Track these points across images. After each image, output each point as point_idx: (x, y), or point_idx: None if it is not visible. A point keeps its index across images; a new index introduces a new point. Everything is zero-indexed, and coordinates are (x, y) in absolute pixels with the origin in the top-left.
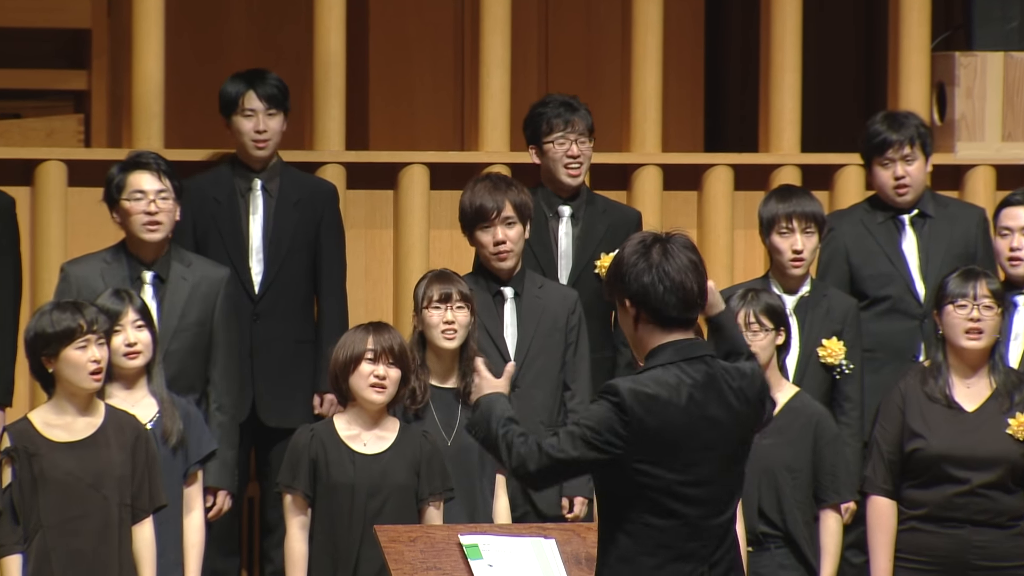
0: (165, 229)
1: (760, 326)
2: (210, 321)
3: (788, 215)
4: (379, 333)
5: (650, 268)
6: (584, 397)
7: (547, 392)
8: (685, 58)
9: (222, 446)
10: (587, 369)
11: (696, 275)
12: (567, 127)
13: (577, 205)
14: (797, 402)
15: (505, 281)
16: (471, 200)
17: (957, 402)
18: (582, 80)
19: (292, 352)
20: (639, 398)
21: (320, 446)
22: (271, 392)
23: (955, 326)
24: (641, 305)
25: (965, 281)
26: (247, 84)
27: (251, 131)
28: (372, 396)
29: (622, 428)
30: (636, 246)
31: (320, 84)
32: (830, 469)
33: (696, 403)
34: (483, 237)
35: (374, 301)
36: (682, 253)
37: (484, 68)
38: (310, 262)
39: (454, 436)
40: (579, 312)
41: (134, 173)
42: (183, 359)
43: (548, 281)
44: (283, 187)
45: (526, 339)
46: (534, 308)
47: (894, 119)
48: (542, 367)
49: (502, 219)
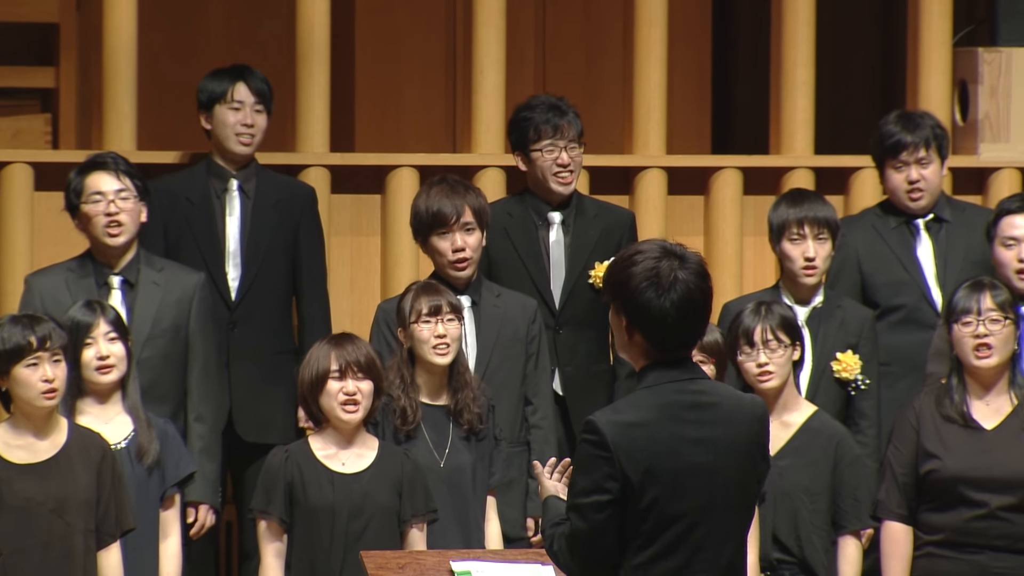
0: (128, 231)
1: (778, 342)
2: (185, 327)
3: (800, 221)
4: (343, 346)
5: (658, 298)
6: (547, 412)
7: (508, 406)
8: (691, 54)
9: (203, 458)
10: (548, 382)
11: (702, 306)
12: (556, 134)
13: (568, 211)
14: (816, 422)
15: (462, 290)
16: (427, 205)
17: (975, 420)
18: (581, 77)
19: (271, 363)
20: (618, 428)
21: (296, 468)
22: (249, 406)
23: (963, 344)
24: (636, 323)
25: (969, 295)
26: (236, 76)
27: (237, 123)
28: (344, 416)
29: (608, 465)
30: (649, 270)
31: (303, 82)
32: (851, 493)
33: (685, 425)
34: (440, 244)
35: (360, 313)
36: (691, 281)
37: (477, 65)
38: (289, 267)
39: (446, 456)
40: (539, 322)
41: (91, 175)
42: (157, 368)
43: (506, 290)
44: (260, 188)
45: (486, 350)
46: (493, 318)
47: (908, 119)
48: (503, 380)
49: (461, 225)
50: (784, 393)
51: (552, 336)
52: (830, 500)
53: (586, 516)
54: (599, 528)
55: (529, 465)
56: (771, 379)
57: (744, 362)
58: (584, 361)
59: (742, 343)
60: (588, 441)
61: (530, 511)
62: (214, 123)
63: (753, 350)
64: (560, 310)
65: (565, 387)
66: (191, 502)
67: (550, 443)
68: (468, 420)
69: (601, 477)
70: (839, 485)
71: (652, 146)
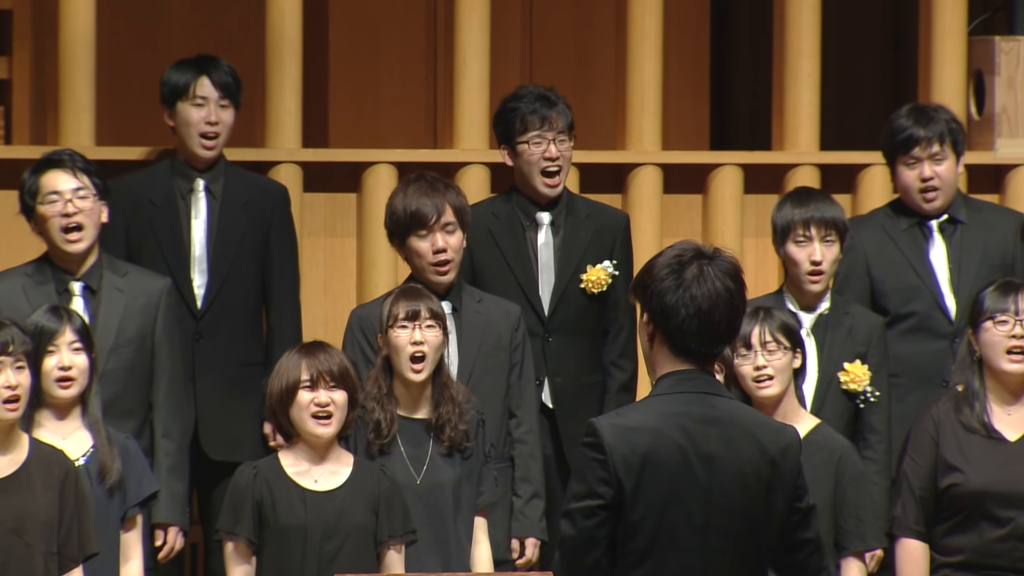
0: (89, 234)
1: (778, 344)
2: (151, 337)
3: (805, 222)
4: (314, 355)
5: (678, 287)
6: (532, 425)
7: (492, 419)
8: (688, 43)
9: (170, 477)
10: (533, 393)
11: (729, 309)
12: (544, 125)
13: (557, 211)
14: (818, 435)
15: (442, 296)
16: (404, 204)
17: (998, 431)
18: (571, 68)
19: (240, 376)
20: (618, 431)
21: (265, 485)
22: (216, 422)
23: (995, 345)
24: (659, 326)
25: (1004, 295)
26: (199, 70)
27: (201, 122)
28: (317, 429)
29: (602, 469)
30: (671, 259)
31: (273, 73)
32: (854, 512)
33: (690, 437)
34: (419, 246)
35: (334, 319)
36: (720, 279)
37: (460, 55)
38: (259, 273)
39: (424, 473)
40: (523, 329)
41: (47, 174)
42: (121, 380)
43: (487, 295)
44: (228, 188)
45: (468, 359)
46: (475, 325)
47: (922, 113)
48: (487, 391)
49: (441, 225)
50: (784, 403)
51: (541, 345)
52: (832, 519)
53: (576, 522)
54: (588, 536)
55: (513, 482)
56: (770, 385)
57: (740, 366)
58: (575, 372)
59: (738, 346)
60: (586, 444)
61: (515, 531)
62: (176, 120)
63: (750, 353)
64: (549, 317)
65: (554, 399)
66: (159, 524)
67: (535, 458)
68: (450, 436)
69: (595, 481)
70: (841, 503)
71: (646, 141)
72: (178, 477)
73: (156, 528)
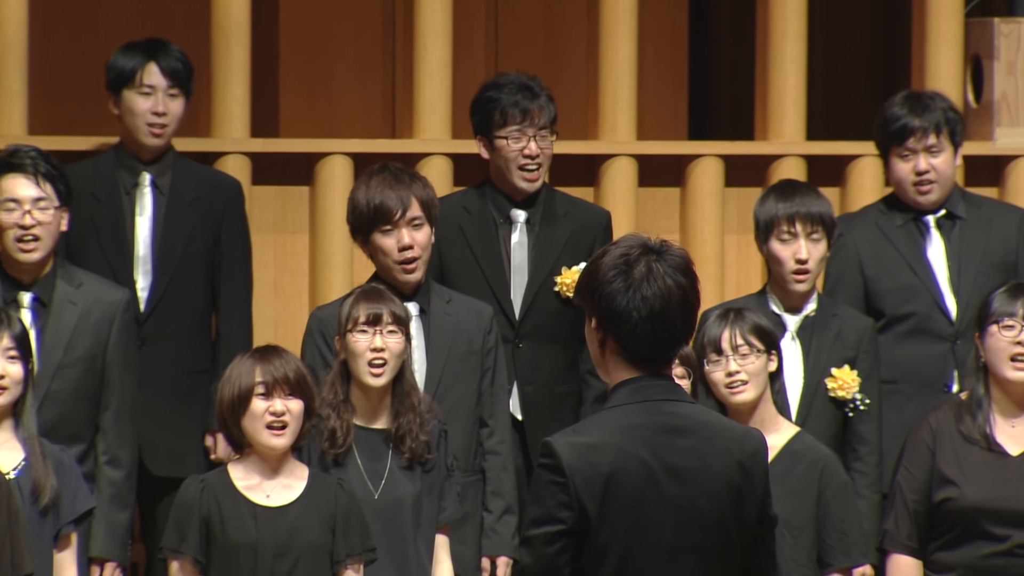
0: (45, 245)
1: (750, 347)
2: (102, 355)
3: (790, 217)
4: (269, 360)
5: (627, 289)
6: (505, 435)
7: (462, 429)
8: (665, 25)
9: (112, 508)
10: (506, 401)
11: (683, 307)
12: (525, 119)
13: (534, 209)
14: (798, 444)
15: (409, 296)
16: (368, 197)
17: (999, 444)
18: (539, 52)
19: (185, 385)
20: (577, 450)
21: (213, 500)
22: (160, 434)
23: (999, 351)
24: (609, 331)
25: (1013, 298)
26: (147, 55)
27: (147, 112)
28: (270, 440)
29: (562, 492)
30: (618, 258)
31: (219, 58)
32: (838, 525)
33: (654, 450)
34: (384, 242)
35: (285, 322)
36: (671, 275)
37: (420, 38)
38: (208, 274)
39: (382, 487)
40: (496, 332)
41: (7, 178)
42: (68, 402)
43: (457, 294)
44: (176, 182)
45: (437, 365)
46: (444, 327)
47: (917, 101)
48: (457, 399)
49: (408, 220)
50: (760, 410)
51: (511, 351)
52: (815, 534)
53: (536, 550)
54: (549, 564)
55: (484, 496)
56: (744, 390)
57: (712, 372)
58: (547, 380)
59: (709, 352)
60: (543, 465)
61: (486, 550)
62: (122, 109)
63: (721, 358)
64: (521, 321)
65: (524, 410)
66: (95, 558)
67: (508, 471)
68: (410, 448)
69: (554, 505)
70: (825, 516)
71: (620, 131)
72: (120, 508)
73: (92, 563)
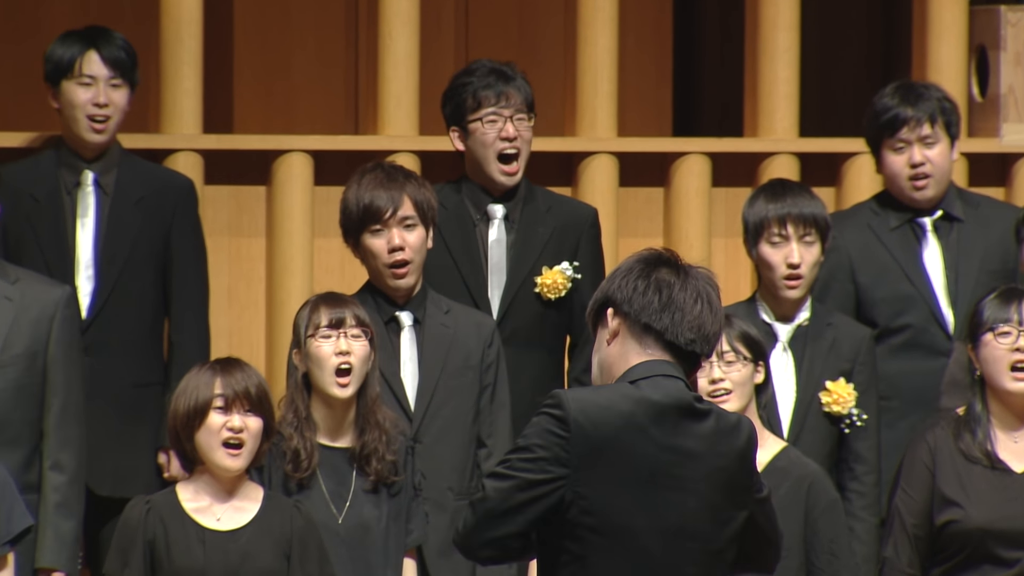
0: None
1: (736, 355)
2: (43, 353)
3: (781, 219)
4: (229, 372)
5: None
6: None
7: (456, 449)
8: (648, 13)
9: (58, 516)
10: (507, 420)
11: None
12: (499, 100)
13: (513, 204)
14: (784, 460)
15: (402, 304)
16: (358, 196)
17: (1003, 461)
18: (513, 42)
19: (132, 398)
20: (585, 407)
21: (159, 523)
22: (104, 452)
23: (996, 361)
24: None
25: (1006, 303)
26: (87, 43)
27: (88, 103)
28: (225, 461)
29: (562, 446)
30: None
31: (169, 49)
32: (827, 547)
33: (663, 427)
34: (374, 244)
35: (241, 332)
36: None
37: (385, 27)
38: (157, 280)
39: (347, 510)
40: (497, 345)
41: None
42: (7, 404)
43: (457, 304)
44: (122, 181)
45: (430, 380)
46: (440, 339)
47: (909, 90)
48: (451, 417)
49: (399, 220)
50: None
51: None
52: (802, 556)
53: (503, 487)
54: (513, 507)
55: None
56: (728, 399)
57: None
58: (528, 389)
59: None
60: (547, 413)
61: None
62: (61, 102)
63: (706, 364)
64: (499, 324)
65: None
66: (42, 569)
67: None
68: (376, 469)
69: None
70: (812, 537)
71: (599, 126)
72: (67, 515)
73: (38, 574)
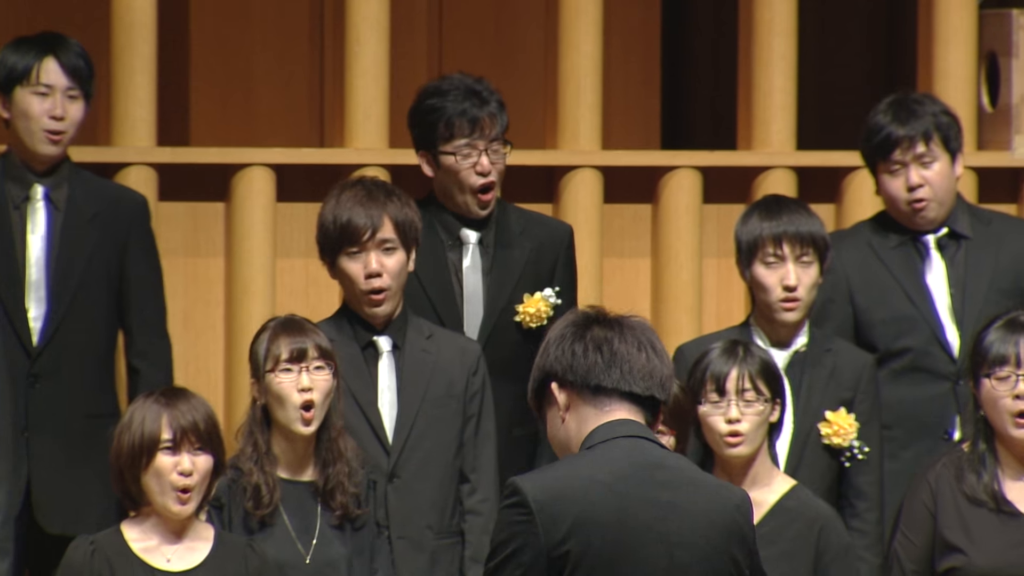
0: None
1: (757, 394)
2: None
3: (776, 237)
4: (175, 406)
5: (582, 338)
6: (489, 493)
7: (437, 485)
8: (635, 18)
9: None
10: (492, 454)
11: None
12: (474, 131)
13: (487, 228)
14: (793, 500)
15: (380, 329)
16: (335, 214)
17: (1010, 503)
18: (489, 48)
19: (84, 430)
20: (542, 484)
21: (104, 563)
22: (54, 486)
23: (998, 407)
24: (569, 381)
25: (1007, 337)
26: (44, 50)
27: (44, 115)
28: (174, 507)
29: (530, 529)
30: (564, 327)
31: (121, 56)
32: None
33: (634, 483)
34: (350, 267)
35: (198, 359)
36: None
37: (352, 32)
38: (112, 302)
39: (314, 548)
40: (483, 373)
41: None
42: None
43: (440, 330)
44: (74, 197)
45: (409, 411)
46: (421, 367)
47: (901, 106)
48: (431, 450)
49: (377, 243)
50: (756, 465)
51: None
52: None
53: None
54: None
55: (462, 563)
56: (741, 444)
57: (708, 415)
58: (506, 422)
59: (709, 389)
60: (507, 506)
61: None
62: (13, 111)
63: (723, 400)
64: None
65: None
66: None
67: (490, 534)
68: (342, 503)
69: (519, 548)
70: None
71: (583, 139)
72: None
73: None
